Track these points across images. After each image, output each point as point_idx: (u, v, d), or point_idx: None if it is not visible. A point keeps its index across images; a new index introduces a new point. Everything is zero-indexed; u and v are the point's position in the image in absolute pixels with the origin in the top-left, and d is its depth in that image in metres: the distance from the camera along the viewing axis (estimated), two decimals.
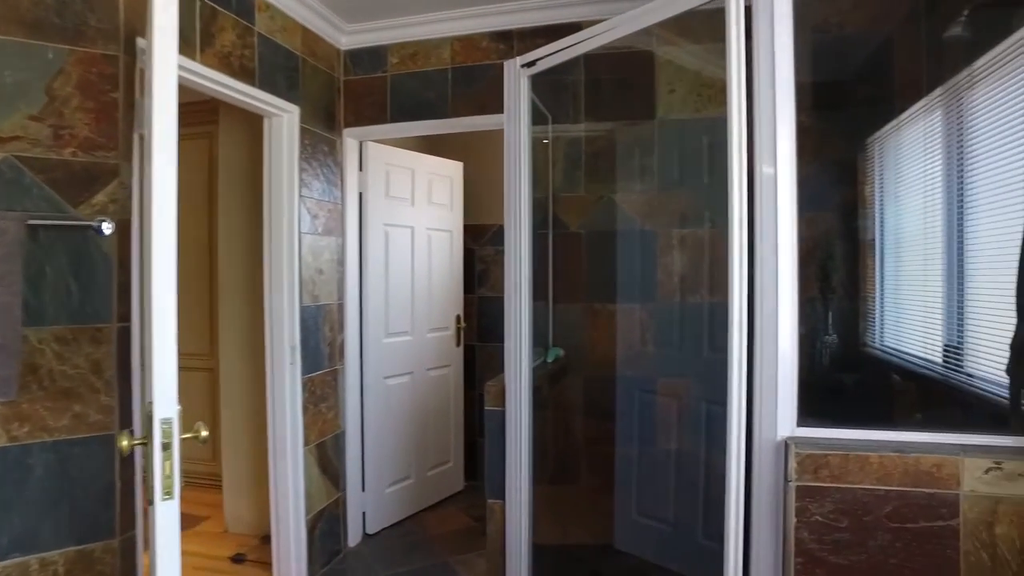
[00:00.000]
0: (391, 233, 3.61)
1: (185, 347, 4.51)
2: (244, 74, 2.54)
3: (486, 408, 2.38)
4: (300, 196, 2.91)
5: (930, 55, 2.54)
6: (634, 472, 2.88)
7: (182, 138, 1.40)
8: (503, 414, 2.30)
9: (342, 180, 3.30)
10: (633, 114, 2.94)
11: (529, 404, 2.24)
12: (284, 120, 2.84)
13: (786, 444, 1.49)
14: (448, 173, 4.05)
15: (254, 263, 3.20)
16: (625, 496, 2.91)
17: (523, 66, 2.33)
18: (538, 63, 2.29)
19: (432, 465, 3.93)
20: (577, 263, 2.98)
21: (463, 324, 4.13)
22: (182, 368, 1.37)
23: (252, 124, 3.10)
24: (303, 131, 2.93)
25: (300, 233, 2.90)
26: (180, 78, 1.50)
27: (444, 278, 4.00)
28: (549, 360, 2.69)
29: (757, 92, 1.59)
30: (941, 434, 1.45)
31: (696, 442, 2.71)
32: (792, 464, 1.45)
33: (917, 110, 2.61)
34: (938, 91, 2.50)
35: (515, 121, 2.39)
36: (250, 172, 3.30)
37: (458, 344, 4.12)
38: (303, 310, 2.92)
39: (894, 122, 2.74)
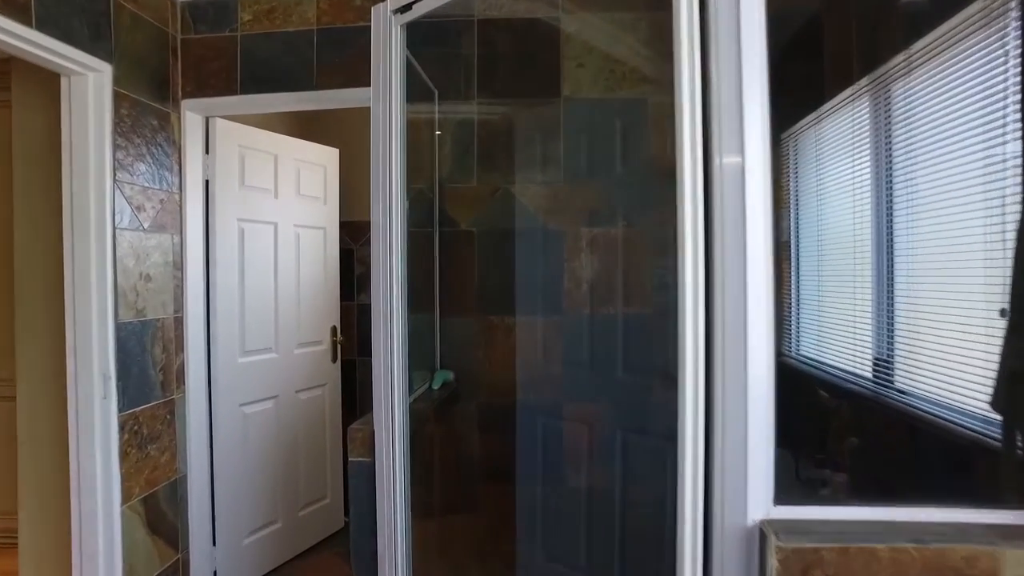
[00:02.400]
0: (248, 230, 3.00)
1: None
2: (10, 7, 1.88)
3: (350, 459, 1.85)
4: (116, 181, 2.26)
5: (861, 37, 2.28)
6: (539, 512, 2.45)
7: None
8: (371, 467, 1.79)
9: (180, 164, 2.65)
10: (535, 91, 2.52)
11: (405, 453, 1.75)
12: (89, 81, 2.19)
13: (761, 531, 1.09)
14: (321, 161, 3.47)
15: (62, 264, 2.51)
16: (529, 540, 2.48)
17: (396, 11, 1.82)
18: (414, 6, 1.79)
19: (304, 504, 3.34)
20: (469, 268, 2.51)
21: (340, 337, 3.57)
22: None
23: (56, 86, 2.41)
24: (119, 97, 2.28)
25: (115, 228, 2.25)
26: None
27: (316, 284, 3.42)
28: (435, 386, 2.22)
29: (715, 58, 1.20)
30: (966, 510, 1.10)
31: (610, 475, 2.32)
32: (772, 563, 1.04)
33: (842, 100, 2.35)
34: (866, 80, 2.25)
35: (385, 84, 1.89)
36: (56, 147, 2.59)
37: (335, 360, 3.54)
38: (121, 327, 2.27)
39: (813, 115, 2.48)
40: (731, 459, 1.10)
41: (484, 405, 2.48)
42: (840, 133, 2.37)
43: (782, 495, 1.12)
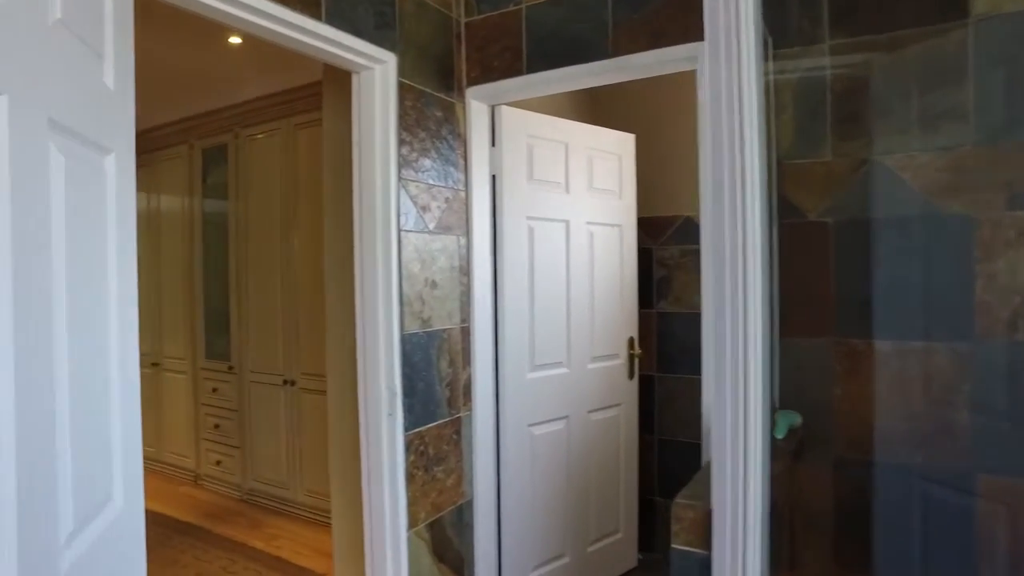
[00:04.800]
0: (537, 229, 2.69)
1: (309, 365, 4.02)
2: (300, 1, 1.75)
3: (674, 545, 1.32)
4: (400, 179, 2.08)
5: None
6: None
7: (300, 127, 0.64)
8: (704, 563, 1.24)
9: (466, 158, 2.43)
10: (922, 17, 1.73)
11: (763, 551, 1.16)
12: (375, 74, 2.03)
13: None
14: (615, 149, 3.03)
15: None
16: None
17: None
18: None
19: (595, 538, 2.95)
20: (819, 271, 1.82)
21: (638, 350, 3.10)
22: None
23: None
24: (403, 89, 2.10)
25: (400, 230, 2.07)
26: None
27: (612, 289, 3.00)
28: (780, 435, 1.60)
29: None
30: None
31: None
32: None
33: None
34: None
35: (728, 28, 1.32)
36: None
37: (631, 376, 3.09)
38: (406, 339, 2.09)
39: None
40: None
41: (843, 465, 1.77)
42: None
43: None
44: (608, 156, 3.00)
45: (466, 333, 2.40)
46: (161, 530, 3.76)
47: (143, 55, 3.45)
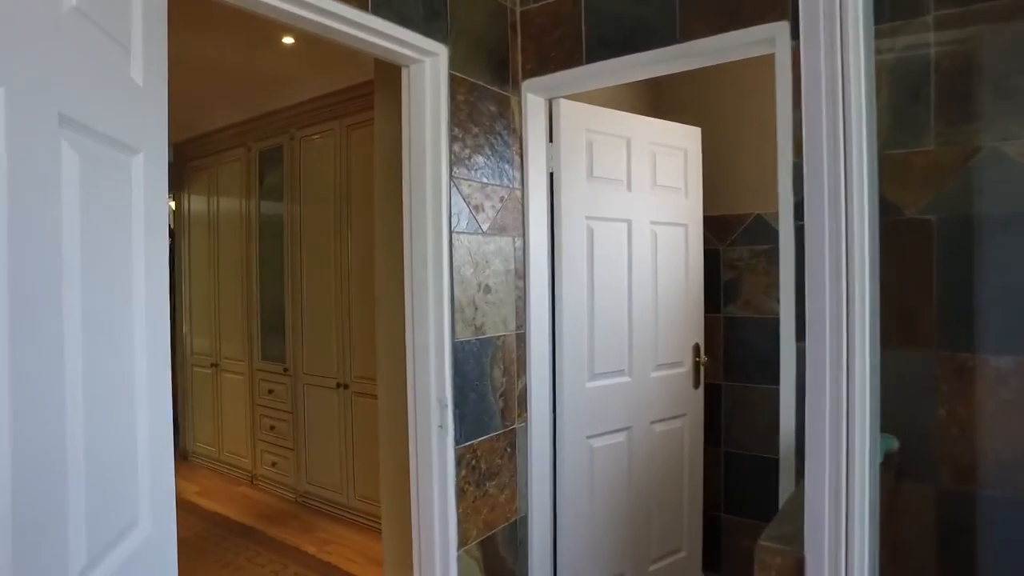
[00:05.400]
0: (597, 230, 2.53)
1: (362, 369, 3.97)
2: None
3: None
4: (452, 178, 1.96)
5: None
6: None
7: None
8: None
9: (522, 155, 2.30)
10: None
11: None
12: (426, 67, 1.92)
13: None
14: (680, 143, 2.85)
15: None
16: None
17: None
18: None
19: (657, 556, 2.77)
20: (920, 276, 1.61)
21: (704, 358, 2.90)
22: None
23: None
24: (455, 82, 1.98)
25: (452, 231, 1.96)
26: None
27: (676, 292, 2.81)
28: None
29: None
30: None
31: None
32: None
33: None
34: None
35: (823, 14, 1.13)
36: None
37: (696, 385, 2.89)
38: (458, 347, 1.98)
39: None
40: None
41: (948, 498, 1.55)
42: None
43: None
44: (673, 151, 2.82)
45: (521, 340, 2.27)
46: (217, 530, 3.77)
47: (200, 58, 3.43)
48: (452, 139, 1.96)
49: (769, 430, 2.93)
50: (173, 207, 5.39)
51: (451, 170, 1.95)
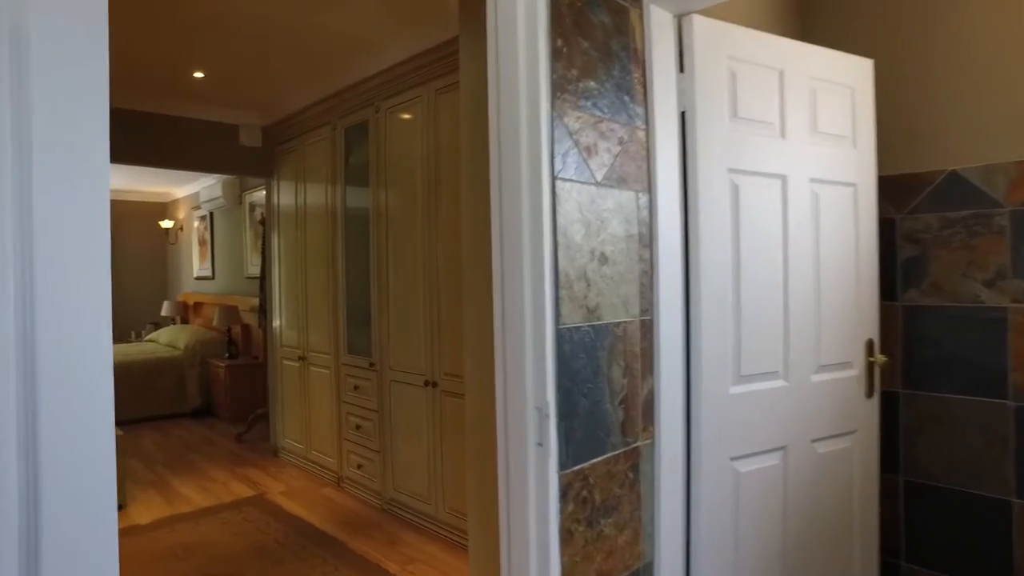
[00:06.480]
0: (744, 187, 1.94)
1: (452, 365, 3.49)
2: None
3: None
4: (554, 104, 1.44)
5: None
6: None
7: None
8: None
9: (645, 86, 1.74)
10: None
11: None
12: None
13: None
14: (847, 79, 2.19)
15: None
16: None
17: None
18: None
19: None
20: None
21: (880, 357, 2.22)
22: None
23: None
24: None
25: (555, 178, 1.43)
26: None
27: (844, 272, 2.16)
28: None
29: None
30: None
31: None
32: None
33: None
34: None
35: None
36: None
37: (870, 394, 2.22)
38: (564, 336, 1.45)
39: None
40: None
41: None
42: None
43: None
44: (837, 88, 2.16)
45: (647, 329, 1.71)
46: (298, 539, 3.45)
47: (282, 26, 3.00)
48: (554, 53, 1.44)
49: (975, 457, 2.21)
50: (264, 195, 5.21)
51: (552, 93, 1.43)
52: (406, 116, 3.60)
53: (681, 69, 1.85)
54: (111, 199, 0.78)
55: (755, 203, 1.96)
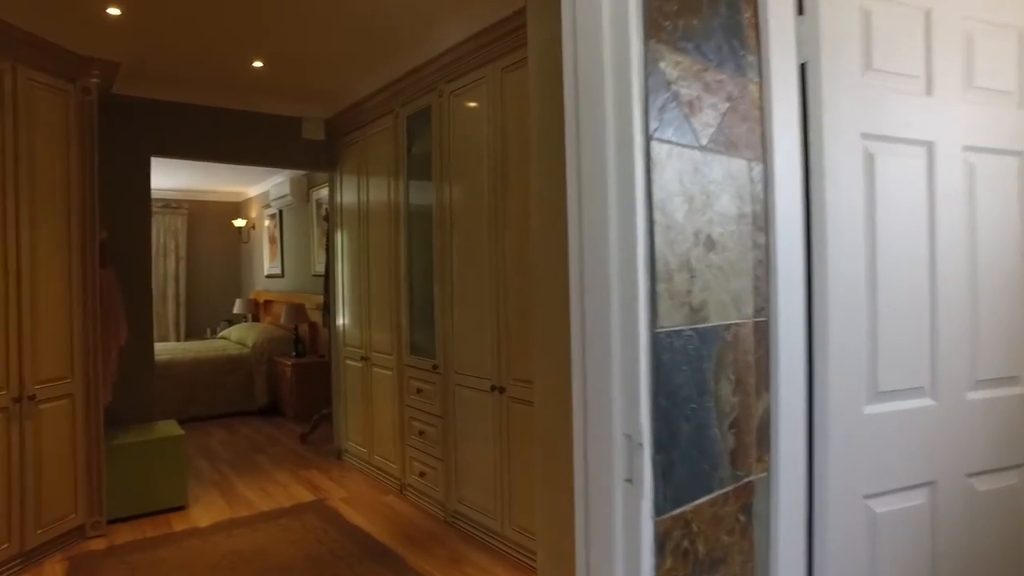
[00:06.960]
0: (880, 157, 1.55)
1: (520, 370, 3.11)
2: None
3: None
4: (647, 50, 1.11)
5: None
6: None
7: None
8: None
9: (757, 32, 1.39)
10: None
11: None
12: None
13: None
14: (1012, 17, 1.75)
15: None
16: None
17: None
18: None
19: None
20: None
21: None
22: None
23: None
24: None
25: (649, 138, 1.11)
26: None
27: (1007, 263, 1.72)
28: None
29: None
30: None
31: None
32: None
33: None
34: None
35: None
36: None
37: None
38: (661, 342, 1.12)
39: None
40: None
41: None
42: None
43: None
44: (1001, 32, 1.73)
45: (762, 332, 1.36)
46: (356, 551, 3.25)
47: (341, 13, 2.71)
48: None
49: None
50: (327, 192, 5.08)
51: (645, 30, 1.10)
52: (471, 104, 3.32)
53: (800, 10, 1.48)
54: (188, 199, 0.52)
55: (894, 176, 1.57)
